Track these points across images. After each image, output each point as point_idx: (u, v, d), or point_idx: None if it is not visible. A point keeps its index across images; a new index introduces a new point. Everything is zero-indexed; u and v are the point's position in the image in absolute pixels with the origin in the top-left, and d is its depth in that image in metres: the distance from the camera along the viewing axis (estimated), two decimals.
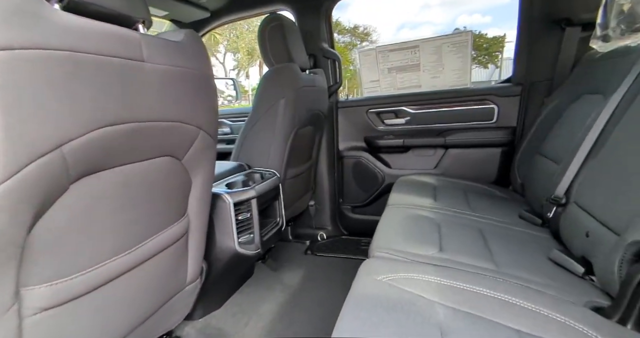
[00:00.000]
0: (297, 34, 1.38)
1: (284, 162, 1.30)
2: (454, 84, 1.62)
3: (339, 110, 1.81)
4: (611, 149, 0.76)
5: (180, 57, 0.62)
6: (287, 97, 1.21)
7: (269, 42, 1.28)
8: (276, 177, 1.19)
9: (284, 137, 1.26)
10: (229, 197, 0.92)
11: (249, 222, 0.98)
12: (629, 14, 0.91)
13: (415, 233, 0.90)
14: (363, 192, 1.87)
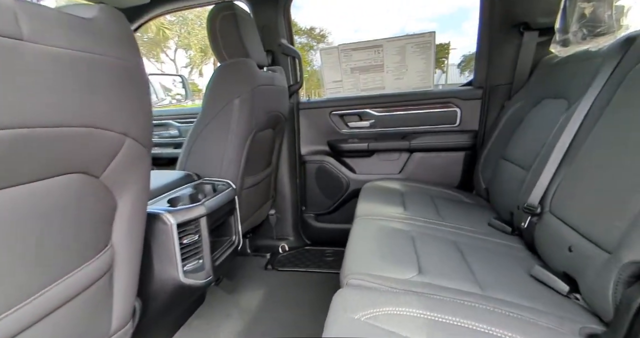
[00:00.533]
0: (252, 26, 1.23)
1: (241, 170, 1.14)
2: (418, 86, 1.59)
3: (300, 112, 1.69)
4: (586, 157, 0.73)
5: (90, 39, 0.45)
6: (243, 97, 1.06)
7: (221, 34, 1.11)
8: (231, 188, 1.03)
9: (239, 142, 1.11)
10: (170, 218, 0.75)
11: (197, 245, 0.82)
12: (590, 18, 0.91)
13: (391, 251, 0.80)
14: (327, 198, 1.76)
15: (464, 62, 24.00)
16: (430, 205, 1.24)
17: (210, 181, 1.06)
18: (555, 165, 0.82)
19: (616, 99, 0.71)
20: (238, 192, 1.13)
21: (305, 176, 1.76)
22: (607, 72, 0.78)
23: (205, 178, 1.09)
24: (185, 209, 0.80)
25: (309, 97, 1.73)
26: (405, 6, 44.91)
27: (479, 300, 0.62)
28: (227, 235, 1.04)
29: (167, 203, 0.83)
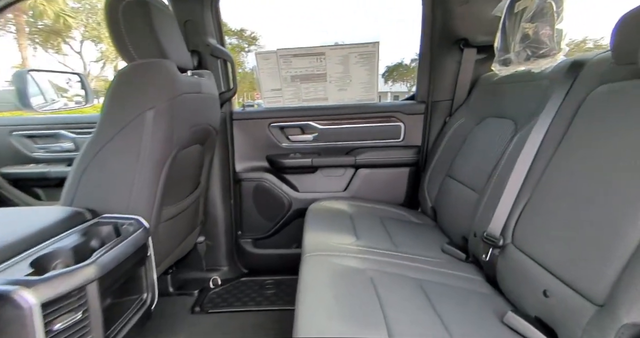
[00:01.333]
0: (171, 20, 0.99)
1: (157, 200, 0.89)
2: (362, 98, 1.51)
3: (235, 123, 1.47)
4: (550, 186, 0.70)
5: None
6: (159, 108, 0.82)
7: (126, 26, 0.85)
8: (142, 228, 0.78)
9: (154, 165, 0.85)
10: (29, 296, 0.49)
11: (80, 326, 0.56)
12: (534, 39, 0.91)
13: (351, 307, 0.66)
14: (266, 220, 1.57)
15: (387, 72, 25.95)
16: (381, 229, 1.15)
17: (112, 220, 0.79)
18: (515, 192, 0.77)
19: (576, 127, 0.69)
20: (153, 229, 0.88)
21: (240, 196, 1.54)
22: (558, 96, 0.77)
23: (105, 215, 0.81)
24: (58, 277, 0.53)
25: (244, 105, 1.52)
26: (338, 15, 46.76)
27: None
28: (134, 294, 0.78)
29: (29, 268, 0.55)
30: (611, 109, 0.61)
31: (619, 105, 0.59)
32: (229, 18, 22.19)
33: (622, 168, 0.54)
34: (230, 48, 9.99)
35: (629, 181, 0.52)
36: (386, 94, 29.56)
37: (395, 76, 25.76)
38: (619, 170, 0.55)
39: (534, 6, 0.90)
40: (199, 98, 1.03)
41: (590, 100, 0.67)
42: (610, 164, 0.57)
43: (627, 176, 0.53)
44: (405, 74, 25.13)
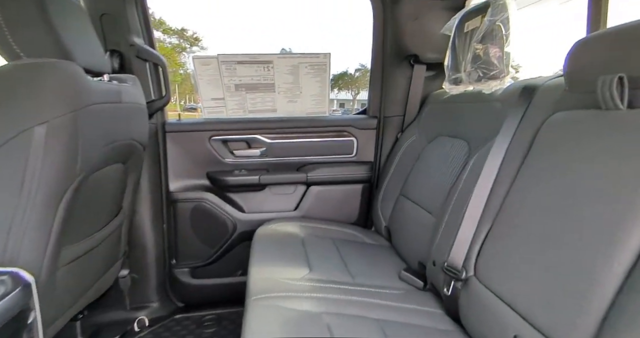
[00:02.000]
0: (77, 11, 0.79)
1: (51, 242, 0.68)
2: (313, 112, 1.42)
3: (168, 136, 1.27)
4: (512, 218, 0.66)
5: None
6: (54, 123, 0.62)
7: (4, 15, 0.64)
8: (19, 289, 0.57)
9: (47, 198, 0.65)
10: None
11: None
12: (485, 60, 0.90)
13: None
14: (207, 246, 1.38)
15: (332, 80, 26.73)
16: (335, 256, 1.06)
17: None
18: (475, 220, 0.74)
19: (534, 156, 0.67)
20: (45, 279, 0.67)
21: (175, 219, 1.34)
22: (513, 121, 0.76)
23: None
24: None
25: (185, 108, 1.33)
26: (285, 21, 46.95)
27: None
28: None
29: None
30: (568, 138, 0.59)
31: (577, 135, 0.58)
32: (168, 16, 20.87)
33: (584, 203, 0.52)
34: (169, 48, 9.14)
35: (593, 219, 0.49)
36: (332, 101, 30.40)
37: (341, 84, 26.67)
38: (581, 205, 0.52)
39: (483, 27, 0.90)
40: (117, 109, 0.84)
41: (546, 128, 0.66)
42: (571, 198, 0.54)
43: (590, 213, 0.50)
44: (350, 83, 26.10)
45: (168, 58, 19.41)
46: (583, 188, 0.53)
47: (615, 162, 0.49)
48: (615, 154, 0.50)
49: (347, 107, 29.03)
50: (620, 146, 0.50)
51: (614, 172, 0.49)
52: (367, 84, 1.42)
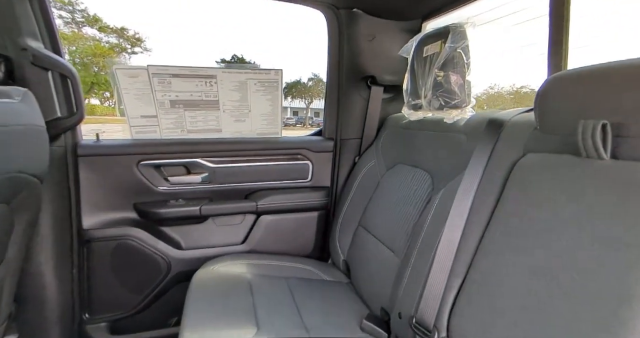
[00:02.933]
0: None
1: None
2: (264, 132, 1.28)
3: (82, 161, 1.03)
4: (489, 273, 0.58)
5: None
6: None
7: None
8: None
9: None
10: None
11: None
12: (446, 88, 0.86)
13: None
14: (132, 293, 1.14)
15: (286, 88, 26.93)
16: (288, 304, 0.91)
17: None
18: (446, 270, 0.66)
19: (507, 202, 0.60)
20: None
21: (90, 263, 1.08)
22: (481, 158, 0.70)
23: None
24: None
25: (98, 136, 1.09)
26: (238, 26, 46.15)
27: None
28: None
29: None
30: (544, 186, 0.54)
31: (554, 183, 0.53)
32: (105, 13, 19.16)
33: (570, 264, 0.46)
34: (106, 47, 8.22)
35: (584, 282, 0.43)
36: (286, 109, 30.43)
37: (294, 93, 26.93)
38: (568, 265, 0.46)
39: (444, 54, 0.85)
40: None
41: (518, 170, 0.61)
42: (554, 256, 0.48)
43: (577, 274, 0.44)
44: (304, 92, 26.45)
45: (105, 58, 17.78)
46: (566, 246, 0.47)
47: (603, 220, 0.44)
48: (601, 209, 0.45)
49: (301, 114, 29.27)
50: (605, 201, 0.45)
51: (602, 231, 0.44)
52: (320, 93, 1.33)
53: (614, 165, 0.46)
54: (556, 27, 0.75)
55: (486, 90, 18.40)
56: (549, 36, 0.77)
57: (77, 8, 17.61)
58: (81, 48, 17.34)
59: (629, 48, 1.18)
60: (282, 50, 42.43)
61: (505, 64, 7.44)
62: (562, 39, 0.74)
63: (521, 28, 1.89)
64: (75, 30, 17.72)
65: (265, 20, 47.28)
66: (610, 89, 0.47)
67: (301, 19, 47.84)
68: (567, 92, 0.53)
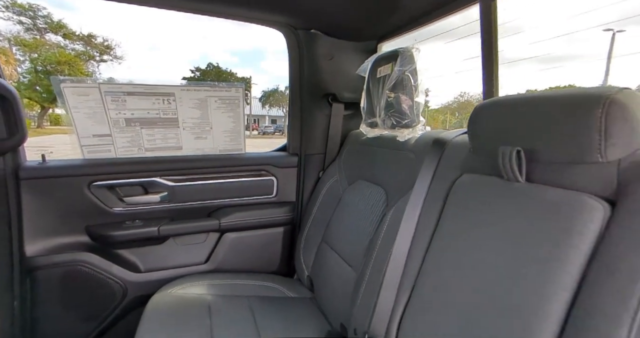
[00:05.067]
0: None
1: None
2: (226, 149, 1.27)
3: (24, 184, 0.97)
4: (431, 287, 0.61)
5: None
6: None
7: None
8: None
9: None
10: None
11: None
12: (397, 109, 0.89)
13: None
14: (84, 323, 1.08)
15: (264, 96, 26.85)
16: (248, 325, 0.90)
17: None
18: (395, 286, 0.67)
19: (447, 218, 0.63)
20: None
21: (34, 293, 1.01)
22: (426, 176, 0.73)
23: None
24: None
25: (43, 158, 1.03)
26: (210, 34, 45.63)
27: None
28: None
29: None
30: (476, 203, 0.57)
31: (484, 201, 0.56)
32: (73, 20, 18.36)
33: (495, 277, 0.48)
34: (72, 55, 7.92)
35: (510, 297, 0.46)
36: (264, 117, 30.29)
37: (272, 101, 26.85)
38: (495, 283, 0.49)
39: (394, 76, 0.89)
40: None
41: (456, 189, 0.64)
42: (485, 269, 0.51)
43: (504, 290, 0.47)
44: (281, 100, 26.45)
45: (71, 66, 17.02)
46: (495, 263, 0.50)
47: (522, 239, 0.47)
48: (519, 228, 0.48)
49: (279, 122, 29.05)
50: (521, 221, 0.48)
51: (521, 248, 0.47)
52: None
53: (528, 188, 0.49)
54: (488, 59, 0.81)
55: (457, 98, 18.78)
56: (482, 67, 0.82)
57: (40, 14, 16.82)
58: (44, 55, 16.51)
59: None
60: (257, 59, 42.35)
61: (475, 74, 7.85)
62: (493, 69, 0.79)
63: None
64: (37, 37, 16.88)
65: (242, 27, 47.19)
66: (523, 118, 0.50)
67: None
68: (490, 119, 0.56)
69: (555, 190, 0.47)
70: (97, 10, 29.74)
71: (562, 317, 0.40)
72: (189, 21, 41.84)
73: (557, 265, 0.42)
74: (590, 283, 0.39)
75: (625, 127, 0.40)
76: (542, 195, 0.47)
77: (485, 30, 0.80)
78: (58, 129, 9.37)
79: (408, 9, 0.95)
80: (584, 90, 0.44)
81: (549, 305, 0.41)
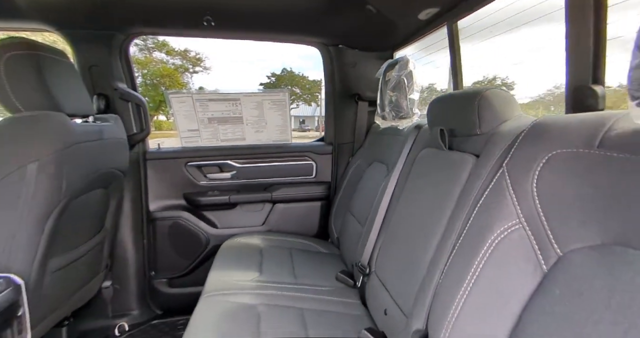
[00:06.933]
0: (67, 69, 0.99)
1: (39, 252, 0.87)
2: (277, 139, 1.64)
3: (149, 163, 1.49)
4: (397, 222, 0.87)
5: None
6: (43, 161, 0.83)
7: (8, 78, 0.83)
8: (10, 289, 0.76)
9: (37, 218, 0.84)
10: None
11: None
12: (396, 104, 1.13)
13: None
14: (183, 259, 1.56)
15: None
16: (287, 262, 1.24)
17: None
18: (379, 226, 0.94)
19: (410, 180, 0.88)
20: (34, 284, 0.85)
21: (155, 235, 1.52)
22: (405, 151, 0.98)
23: None
24: None
25: (159, 146, 1.55)
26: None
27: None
28: None
29: None
30: (424, 168, 0.81)
31: (427, 166, 0.79)
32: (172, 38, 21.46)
33: (427, 219, 0.73)
34: (172, 69, 9.60)
35: (430, 227, 0.70)
36: (291, 118, 29.54)
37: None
38: (425, 218, 0.73)
39: (393, 80, 1.13)
40: (99, 145, 1.05)
41: (418, 159, 0.88)
42: (423, 214, 0.75)
43: (427, 225, 0.71)
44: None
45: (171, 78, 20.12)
46: (427, 207, 0.74)
47: (440, 188, 0.71)
48: (440, 181, 0.72)
49: (308, 122, 25.54)
50: (443, 176, 0.72)
51: (440, 201, 0.71)
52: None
53: (447, 154, 0.73)
54: (454, 61, 1.00)
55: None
56: (450, 65, 1.02)
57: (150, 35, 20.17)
58: (151, 70, 19.83)
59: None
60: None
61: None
62: (457, 69, 0.98)
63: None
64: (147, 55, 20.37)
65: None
66: (446, 108, 0.73)
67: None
68: (433, 110, 0.80)
69: (457, 153, 0.69)
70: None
71: (442, 232, 0.64)
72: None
73: (445, 198, 0.66)
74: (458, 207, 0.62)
75: (489, 112, 0.62)
76: (452, 157, 0.70)
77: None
78: (160, 133, 11.44)
79: (408, 26, 1.18)
80: (471, 89, 0.67)
81: (438, 225, 0.65)
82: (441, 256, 0.61)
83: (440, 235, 0.64)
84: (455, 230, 0.59)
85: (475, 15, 1.02)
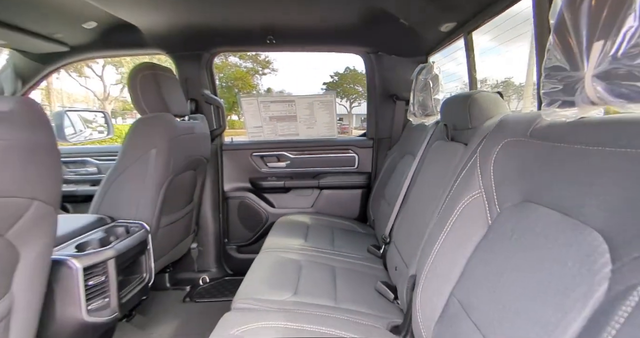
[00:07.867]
0: (173, 80, 1.39)
1: (156, 211, 1.27)
2: (325, 135, 1.91)
3: (224, 153, 1.88)
4: (412, 200, 1.07)
5: (6, 128, 0.54)
6: (159, 147, 1.21)
7: (141, 90, 1.24)
8: (143, 230, 1.16)
9: (156, 187, 1.24)
10: (76, 263, 0.85)
11: (103, 285, 0.92)
12: (423, 103, 1.30)
13: (278, 278, 1.02)
14: (248, 231, 1.93)
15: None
16: (328, 236, 1.50)
17: (124, 223, 1.17)
18: (399, 205, 1.14)
19: (423, 168, 1.06)
20: (153, 231, 1.26)
21: (227, 211, 1.92)
22: (426, 141, 1.16)
23: (120, 220, 1.20)
24: (93, 253, 0.91)
25: (232, 139, 1.94)
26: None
27: (330, 311, 0.86)
28: (137, 273, 1.15)
29: (74, 249, 0.92)
30: (434, 156, 0.99)
31: (435, 155, 0.97)
32: None
33: (431, 196, 0.91)
34: (244, 71, 10.98)
35: (432, 202, 0.89)
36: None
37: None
38: (430, 195, 0.92)
39: (420, 82, 1.31)
40: (192, 137, 1.44)
41: (432, 149, 1.06)
42: (429, 192, 0.94)
43: (431, 200, 0.90)
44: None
45: (243, 80, 21.91)
46: (435, 189, 0.93)
47: (439, 171, 0.89)
48: (441, 166, 0.90)
49: (345, 120, 23.93)
50: (444, 162, 0.90)
51: (441, 180, 0.89)
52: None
53: (449, 144, 0.90)
54: (470, 66, 1.13)
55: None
56: (467, 70, 1.15)
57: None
58: (227, 74, 21.79)
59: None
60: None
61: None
62: (472, 74, 1.11)
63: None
64: (224, 60, 22.43)
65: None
66: (450, 107, 0.90)
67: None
68: (442, 108, 0.97)
69: (455, 143, 0.86)
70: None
71: (441, 205, 0.83)
72: None
73: (444, 179, 0.84)
74: (450, 184, 0.80)
75: (478, 111, 0.79)
76: (452, 146, 0.88)
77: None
78: (233, 131, 12.90)
79: (433, 36, 1.33)
80: (467, 92, 0.83)
81: (439, 200, 0.84)
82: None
83: (440, 208, 0.83)
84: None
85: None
